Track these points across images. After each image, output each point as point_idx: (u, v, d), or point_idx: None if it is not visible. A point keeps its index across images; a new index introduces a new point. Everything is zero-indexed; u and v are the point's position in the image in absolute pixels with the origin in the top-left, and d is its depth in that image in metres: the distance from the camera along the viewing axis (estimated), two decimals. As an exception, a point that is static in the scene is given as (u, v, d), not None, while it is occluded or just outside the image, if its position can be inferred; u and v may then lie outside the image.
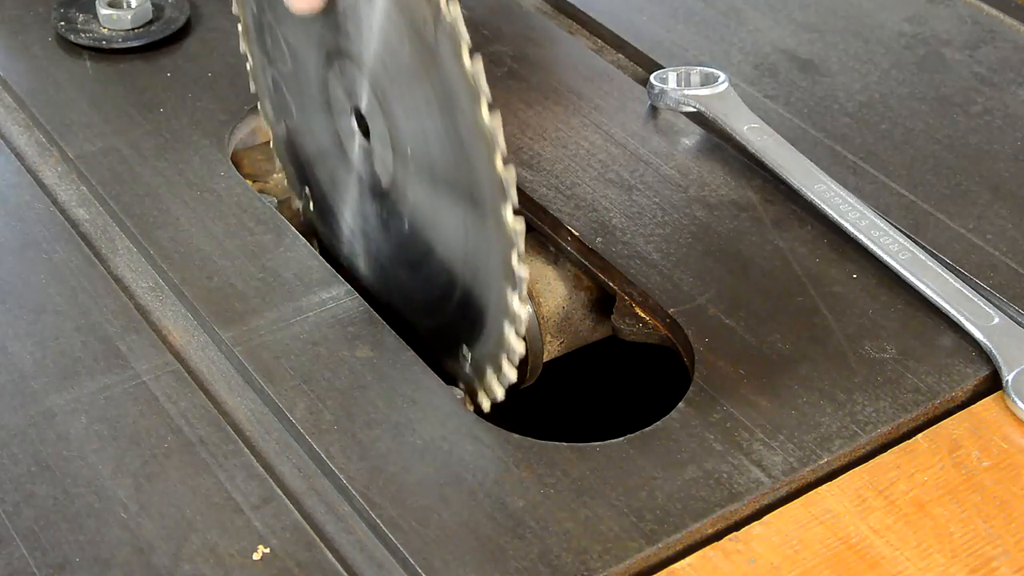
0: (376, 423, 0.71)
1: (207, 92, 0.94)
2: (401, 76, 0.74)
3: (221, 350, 0.77)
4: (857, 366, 0.75)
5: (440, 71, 0.70)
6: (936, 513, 0.67)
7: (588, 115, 0.93)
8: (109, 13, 0.98)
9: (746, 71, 0.98)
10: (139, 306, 0.79)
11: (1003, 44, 1.01)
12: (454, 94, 0.70)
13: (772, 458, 0.69)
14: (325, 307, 0.78)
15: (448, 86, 0.70)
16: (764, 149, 0.88)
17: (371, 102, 0.78)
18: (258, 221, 0.84)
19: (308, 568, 0.65)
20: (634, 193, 0.87)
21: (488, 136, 0.68)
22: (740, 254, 0.82)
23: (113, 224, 0.85)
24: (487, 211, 0.70)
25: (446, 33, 0.68)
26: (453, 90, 0.70)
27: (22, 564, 0.65)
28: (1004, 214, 0.85)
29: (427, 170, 0.75)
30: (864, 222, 0.82)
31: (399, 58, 0.74)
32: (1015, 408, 0.72)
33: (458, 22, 0.68)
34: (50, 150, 0.91)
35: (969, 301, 0.77)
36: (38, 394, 0.73)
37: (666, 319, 0.78)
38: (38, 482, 0.68)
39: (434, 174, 0.74)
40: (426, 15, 0.69)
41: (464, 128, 0.70)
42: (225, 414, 0.73)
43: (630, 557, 0.65)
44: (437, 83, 0.71)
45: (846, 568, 0.65)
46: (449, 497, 0.67)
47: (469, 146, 0.70)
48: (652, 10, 1.05)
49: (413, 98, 0.74)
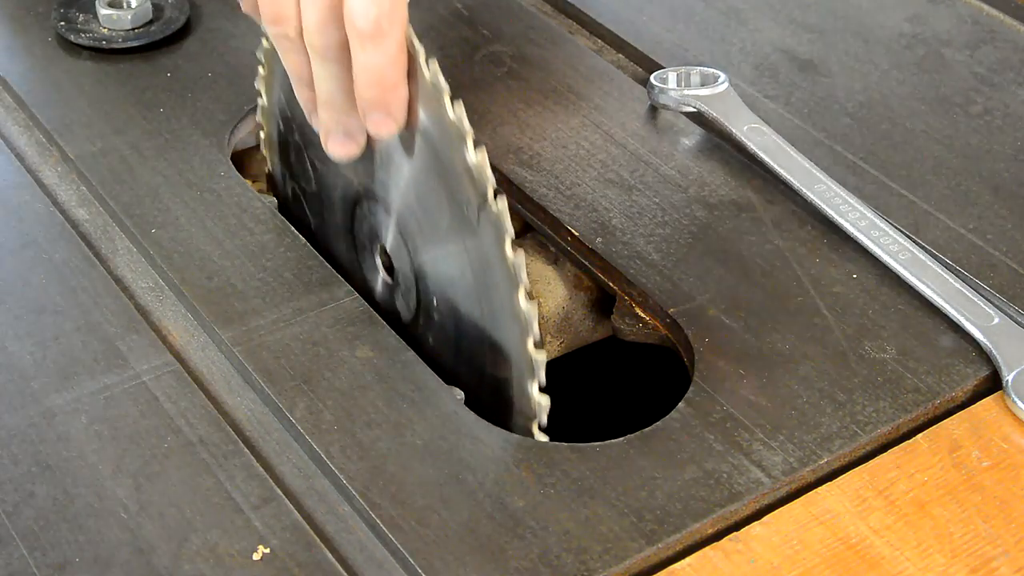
0: (376, 423, 0.71)
1: (207, 92, 0.94)
2: (435, 237, 0.76)
3: (221, 350, 0.77)
4: (857, 366, 0.75)
5: (479, 249, 0.72)
6: (936, 513, 0.67)
7: (588, 115, 0.93)
8: (109, 13, 0.98)
9: (746, 71, 0.98)
10: (139, 306, 0.79)
11: (1003, 44, 1.01)
12: (492, 274, 0.72)
13: (772, 458, 0.69)
14: (325, 307, 0.78)
15: (486, 265, 0.72)
16: (764, 149, 0.88)
17: (398, 246, 0.79)
18: (258, 221, 0.84)
19: (308, 568, 0.65)
20: (634, 193, 0.87)
21: (523, 320, 0.70)
22: (740, 254, 0.82)
23: (113, 224, 0.85)
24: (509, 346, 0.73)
25: (490, 220, 0.70)
26: (491, 271, 0.72)
27: (22, 564, 0.65)
28: (1004, 214, 0.85)
29: (451, 315, 0.76)
30: (864, 222, 0.82)
31: (434, 221, 0.75)
32: (1015, 408, 0.72)
33: (504, 216, 0.69)
34: (50, 150, 0.91)
35: (969, 301, 0.77)
36: (38, 394, 0.73)
37: (666, 319, 0.78)
38: (38, 482, 0.68)
39: (458, 319, 0.76)
40: (470, 196, 0.71)
41: (498, 305, 0.72)
42: (225, 414, 0.73)
43: (630, 557, 0.65)
44: (474, 257, 0.73)
45: (846, 568, 0.65)
46: (449, 497, 0.67)
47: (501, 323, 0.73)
48: (652, 10, 1.04)
49: (445, 260, 0.76)
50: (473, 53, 0.99)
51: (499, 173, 0.88)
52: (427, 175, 0.74)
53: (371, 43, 0.70)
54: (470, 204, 0.71)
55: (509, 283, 0.70)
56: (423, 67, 0.71)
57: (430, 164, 0.73)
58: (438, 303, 0.77)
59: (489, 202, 0.70)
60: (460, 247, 0.74)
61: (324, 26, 0.71)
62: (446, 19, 1.03)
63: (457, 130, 0.70)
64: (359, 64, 0.71)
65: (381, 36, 0.70)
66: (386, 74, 0.71)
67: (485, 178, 0.69)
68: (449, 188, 0.72)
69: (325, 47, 0.72)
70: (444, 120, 0.70)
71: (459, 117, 0.70)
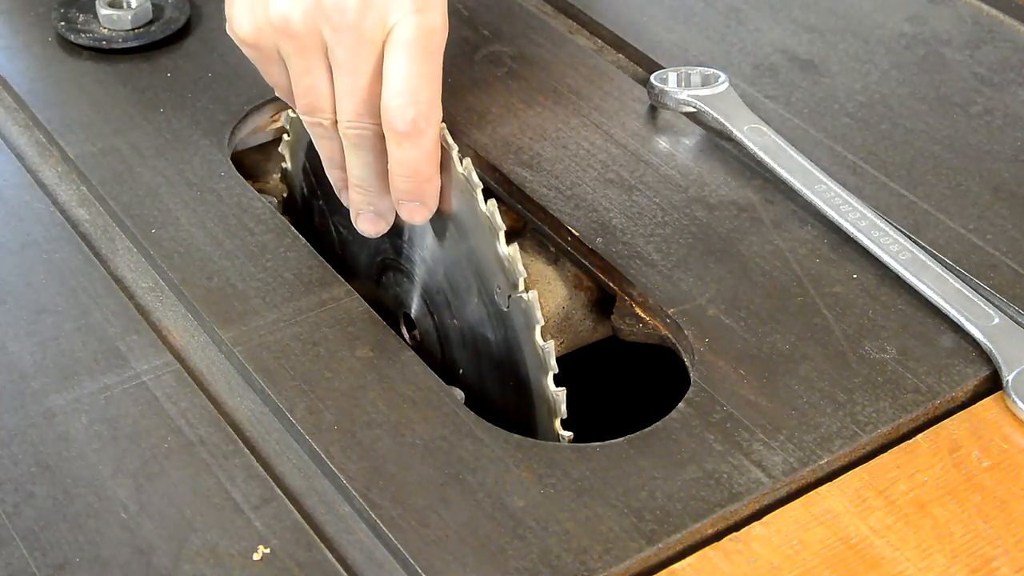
0: (376, 423, 0.71)
1: (207, 92, 0.94)
2: (462, 313, 0.78)
3: (221, 350, 0.77)
4: (857, 366, 0.75)
5: (508, 330, 0.74)
6: (936, 513, 0.67)
7: (588, 115, 0.93)
8: (109, 13, 0.98)
9: (746, 71, 0.98)
10: (139, 306, 0.79)
11: (1003, 44, 1.01)
12: (520, 355, 0.74)
13: (772, 458, 0.69)
14: (325, 307, 0.78)
15: (515, 345, 0.74)
16: (764, 149, 0.88)
17: (423, 315, 0.82)
18: (258, 221, 0.84)
19: (308, 568, 0.65)
20: (634, 193, 0.87)
21: (551, 401, 0.73)
22: (740, 254, 0.82)
23: (113, 224, 0.85)
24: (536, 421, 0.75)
25: (520, 308, 0.73)
26: (520, 352, 0.74)
27: (22, 564, 0.65)
28: (1004, 214, 0.85)
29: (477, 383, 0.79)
30: (864, 222, 0.82)
31: (462, 299, 0.77)
32: (1015, 408, 0.72)
33: (534, 307, 0.72)
34: (50, 150, 0.91)
35: (969, 301, 0.77)
36: (38, 394, 0.73)
37: (666, 319, 0.78)
38: (38, 482, 0.68)
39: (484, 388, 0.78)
40: (501, 283, 0.73)
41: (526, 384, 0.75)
42: (225, 414, 0.73)
43: (630, 557, 0.65)
44: (501, 337, 0.75)
45: (846, 568, 0.65)
46: (449, 497, 0.67)
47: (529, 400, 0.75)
48: (652, 10, 1.04)
49: (472, 334, 0.78)
50: (473, 53, 0.99)
51: (499, 173, 0.88)
52: (457, 258, 0.76)
53: (408, 141, 0.72)
54: (500, 290, 0.73)
55: (539, 368, 0.73)
56: (456, 163, 0.73)
57: (460, 248, 0.76)
58: (464, 371, 0.79)
59: (520, 292, 0.72)
60: (488, 325, 0.76)
61: (360, 119, 0.73)
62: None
63: (490, 224, 0.72)
64: (395, 159, 0.73)
65: (419, 135, 0.71)
66: (421, 168, 0.73)
67: (517, 271, 0.72)
68: (478, 272, 0.75)
69: (360, 138, 0.73)
70: (476, 211, 0.73)
71: (491, 212, 0.72)
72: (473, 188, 0.72)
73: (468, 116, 0.92)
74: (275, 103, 0.94)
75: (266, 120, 0.94)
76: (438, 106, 0.72)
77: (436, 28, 0.72)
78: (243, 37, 0.74)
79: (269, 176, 0.98)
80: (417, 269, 0.80)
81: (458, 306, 0.78)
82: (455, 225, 0.75)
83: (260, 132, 0.95)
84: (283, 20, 0.71)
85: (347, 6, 0.70)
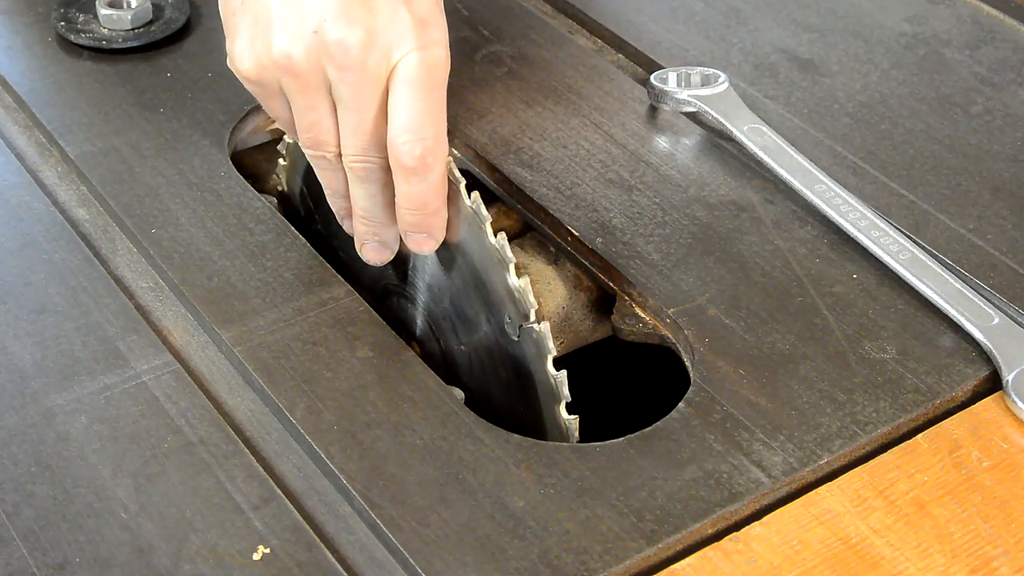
0: (376, 423, 0.71)
1: (207, 92, 0.94)
2: (470, 340, 0.79)
3: (221, 350, 0.77)
4: (857, 366, 0.75)
5: (518, 358, 0.75)
6: (936, 513, 0.67)
7: (588, 115, 0.93)
8: (109, 13, 0.98)
9: (746, 71, 0.98)
10: (139, 306, 0.79)
11: (1003, 44, 1.01)
12: (531, 381, 0.75)
13: (772, 458, 0.69)
14: (325, 307, 0.78)
15: (526, 373, 0.75)
16: (764, 149, 0.88)
17: (429, 339, 0.82)
18: (258, 221, 0.84)
19: (308, 568, 0.65)
20: (634, 193, 0.87)
21: (564, 428, 0.74)
22: (740, 254, 0.82)
23: (113, 224, 0.85)
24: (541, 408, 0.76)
25: (531, 338, 0.73)
26: (530, 379, 0.75)
27: (22, 564, 0.65)
28: (1004, 214, 0.85)
29: (486, 405, 0.79)
30: (864, 222, 0.82)
31: (470, 326, 0.78)
32: (1015, 408, 0.72)
33: (545, 338, 0.73)
34: (50, 150, 0.91)
35: (969, 301, 0.77)
36: (38, 394, 0.73)
37: (666, 319, 0.78)
38: (38, 482, 0.68)
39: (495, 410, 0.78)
40: (511, 313, 0.74)
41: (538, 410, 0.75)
42: (225, 414, 0.73)
43: (630, 557, 0.65)
44: (511, 364, 0.75)
45: (846, 568, 0.65)
46: (449, 497, 0.67)
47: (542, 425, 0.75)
48: (652, 10, 1.04)
49: (479, 360, 0.79)
50: (473, 53, 0.99)
51: (499, 173, 0.88)
52: (464, 287, 0.77)
53: (416, 177, 0.72)
54: (511, 321, 0.74)
55: (550, 396, 0.74)
56: (464, 196, 0.74)
57: (467, 278, 0.76)
58: (473, 393, 0.79)
59: (531, 322, 0.73)
60: (497, 353, 0.76)
61: (365, 153, 0.73)
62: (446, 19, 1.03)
63: (500, 257, 0.73)
64: (402, 193, 0.73)
65: (426, 171, 0.72)
66: (429, 201, 0.73)
67: (528, 303, 0.73)
68: (487, 301, 0.75)
69: (365, 171, 0.74)
70: (484, 244, 0.73)
71: (501, 245, 0.73)
72: (482, 221, 0.73)
73: (468, 116, 0.92)
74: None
75: (266, 120, 0.94)
76: (444, 141, 0.72)
77: (439, 63, 0.72)
78: (245, 74, 0.74)
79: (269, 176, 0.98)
80: (421, 296, 0.81)
81: (466, 333, 0.78)
82: (462, 255, 0.76)
83: (260, 132, 0.95)
84: (286, 58, 0.71)
85: (351, 44, 0.69)
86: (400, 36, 0.70)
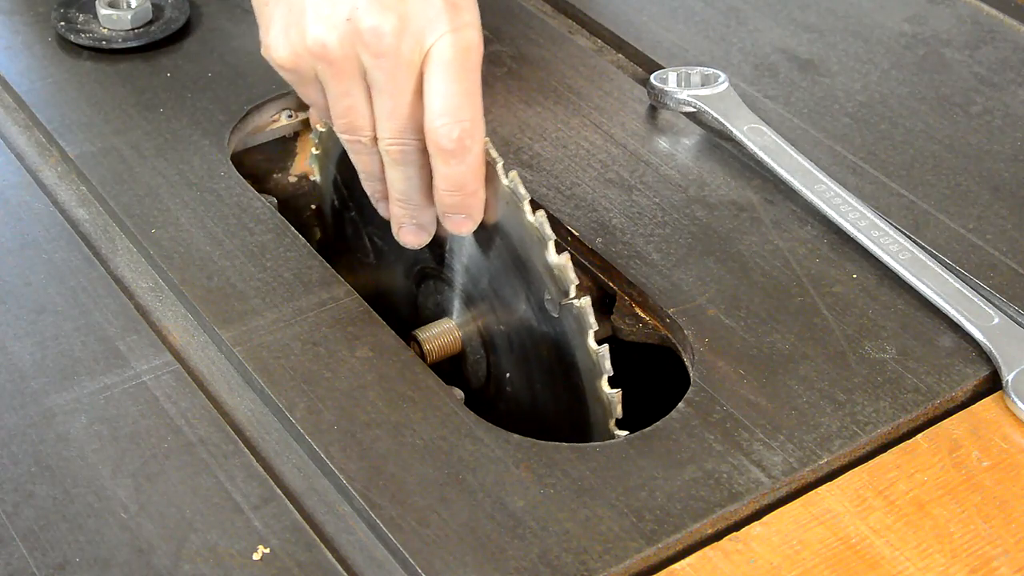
0: (376, 423, 0.71)
1: (207, 92, 0.94)
2: (509, 320, 0.78)
3: (221, 350, 0.77)
4: (857, 366, 0.75)
5: (558, 336, 0.75)
6: (936, 513, 0.67)
7: (588, 115, 0.93)
8: (109, 13, 0.98)
9: (746, 71, 0.98)
10: (139, 306, 0.79)
11: (1003, 44, 1.01)
12: (572, 359, 0.74)
13: (772, 458, 0.69)
14: (325, 307, 0.78)
15: (566, 349, 0.75)
16: (764, 149, 0.88)
17: (467, 322, 0.82)
18: (258, 221, 0.84)
19: (308, 568, 0.65)
20: (634, 193, 0.87)
21: (606, 403, 0.74)
22: (740, 254, 0.82)
23: (113, 224, 0.85)
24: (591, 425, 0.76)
25: (572, 313, 0.73)
26: (571, 357, 0.74)
27: (22, 564, 0.65)
28: (1004, 214, 0.85)
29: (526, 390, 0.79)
30: (864, 222, 0.82)
31: (509, 307, 0.78)
32: (1015, 408, 0.72)
33: (586, 312, 0.72)
34: (50, 150, 0.91)
35: (969, 301, 0.77)
36: (38, 394, 0.73)
37: (666, 319, 0.78)
38: (38, 482, 0.68)
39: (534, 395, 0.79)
40: (551, 290, 0.73)
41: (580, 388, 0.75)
42: (225, 414, 0.73)
43: (630, 557, 0.65)
44: (552, 342, 0.75)
45: (846, 568, 0.65)
46: (449, 497, 0.67)
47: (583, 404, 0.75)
48: (652, 10, 1.04)
49: (520, 340, 0.78)
50: (473, 53, 0.99)
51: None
52: (503, 266, 0.77)
53: (455, 159, 0.72)
54: (551, 298, 0.74)
55: (592, 371, 0.74)
56: (502, 175, 0.74)
57: (506, 257, 0.76)
58: (511, 377, 0.80)
59: (571, 297, 0.73)
60: (537, 331, 0.76)
61: (402, 136, 0.73)
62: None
63: (539, 234, 0.73)
64: (440, 174, 0.73)
65: (465, 152, 0.72)
66: (467, 182, 0.73)
67: (568, 279, 0.72)
68: (526, 280, 0.75)
69: (402, 154, 0.74)
70: (523, 222, 0.73)
71: (540, 223, 0.72)
72: (520, 199, 0.73)
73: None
74: (275, 103, 0.94)
75: (266, 120, 0.94)
76: (481, 122, 0.72)
77: (473, 45, 0.72)
78: (280, 62, 0.74)
79: (270, 176, 0.98)
80: (459, 278, 0.81)
81: (505, 313, 0.78)
82: (500, 235, 0.76)
83: (260, 132, 0.95)
84: (320, 46, 0.71)
85: (384, 30, 0.70)
86: (432, 20, 0.70)
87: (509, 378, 0.80)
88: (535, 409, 0.79)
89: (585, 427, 0.76)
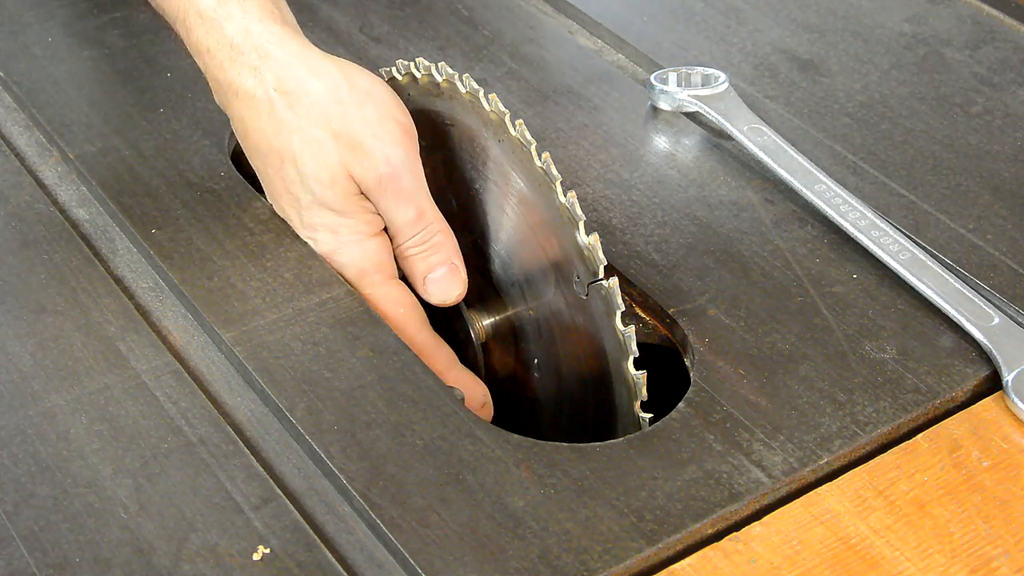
0: (376, 423, 0.71)
1: (207, 92, 0.94)
2: (537, 303, 0.79)
3: (221, 350, 0.77)
4: (857, 366, 0.75)
5: (586, 319, 0.75)
6: (936, 513, 0.67)
7: (588, 115, 0.93)
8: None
9: (746, 71, 0.98)
10: (139, 306, 0.79)
11: (1003, 44, 1.01)
12: (599, 344, 0.75)
13: (772, 458, 0.69)
14: (325, 307, 0.78)
15: (592, 335, 0.75)
16: (764, 149, 0.88)
17: (498, 309, 0.83)
18: (258, 221, 0.84)
19: (308, 568, 0.65)
20: (634, 193, 0.87)
21: (631, 384, 0.74)
22: (740, 254, 0.82)
23: (113, 224, 0.85)
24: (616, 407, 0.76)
25: (600, 295, 0.74)
26: (599, 340, 0.75)
27: (22, 564, 0.65)
28: (1004, 214, 0.85)
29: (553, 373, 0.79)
30: (864, 222, 0.82)
31: (538, 292, 0.79)
32: (1015, 408, 0.72)
33: (615, 294, 0.73)
34: (50, 150, 0.91)
35: (969, 301, 0.77)
36: (38, 394, 0.73)
37: (666, 319, 0.78)
38: (38, 482, 0.68)
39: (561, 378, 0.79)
40: (580, 271, 0.74)
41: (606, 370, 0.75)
42: (225, 414, 0.73)
43: (630, 557, 0.65)
44: (580, 327, 0.76)
45: (846, 568, 0.65)
46: (449, 497, 0.67)
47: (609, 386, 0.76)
48: (652, 10, 1.04)
49: (547, 324, 0.79)
50: (473, 53, 0.99)
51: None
52: (533, 250, 0.77)
53: None
54: (580, 279, 0.74)
55: (619, 352, 0.74)
56: (535, 157, 0.75)
57: (537, 241, 0.77)
58: (539, 360, 0.80)
59: (600, 279, 0.73)
60: (566, 313, 0.77)
61: None
62: (446, 19, 1.03)
63: (569, 215, 0.74)
64: None
65: None
66: None
67: (597, 259, 0.73)
68: (556, 262, 0.76)
69: None
70: (555, 204, 0.74)
71: (572, 203, 0.74)
72: (552, 181, 0.74)
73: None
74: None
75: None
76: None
77: None
78: None
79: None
80: (490, 264, 0.81)
81: (534, 297, 0.79)
82: (531, 217, 0.76)
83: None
84: None
85: None
86: None
87: (537, 363, 0.80)
88: (559, 392, 0.79)
89: (610, 409, 0.76)
